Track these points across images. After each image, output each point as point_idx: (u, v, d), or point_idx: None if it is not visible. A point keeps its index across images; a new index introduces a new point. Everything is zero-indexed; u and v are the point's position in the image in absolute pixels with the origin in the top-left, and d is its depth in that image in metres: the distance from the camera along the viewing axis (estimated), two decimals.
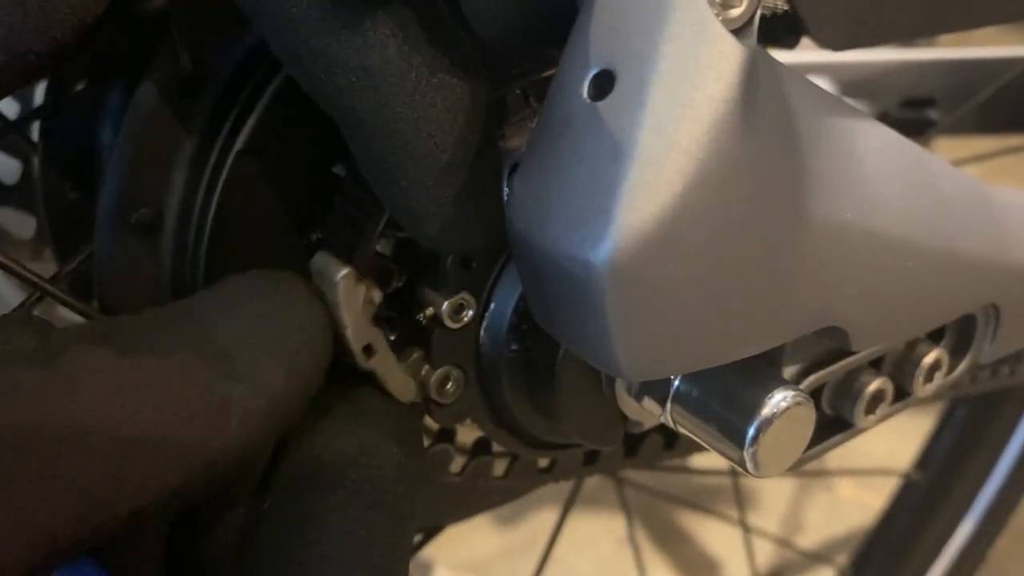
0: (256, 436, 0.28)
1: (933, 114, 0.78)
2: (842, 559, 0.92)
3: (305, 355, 0.30)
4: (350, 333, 0.32)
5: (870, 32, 0.39)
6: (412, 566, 0.32)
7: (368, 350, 0.33)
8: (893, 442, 0.95)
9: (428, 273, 0.35)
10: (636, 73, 0.24)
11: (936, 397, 0.59)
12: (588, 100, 0.25)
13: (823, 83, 0.71)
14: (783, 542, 1.10)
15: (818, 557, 1.09)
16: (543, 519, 1.13)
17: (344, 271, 0.32)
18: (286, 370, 0.29)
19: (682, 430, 0.33)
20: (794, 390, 0.30)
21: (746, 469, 0.30)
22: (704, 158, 0.24)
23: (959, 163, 0.55)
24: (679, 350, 0.27)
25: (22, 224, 0.51)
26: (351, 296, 0.32)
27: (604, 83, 0.25)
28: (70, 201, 0.45)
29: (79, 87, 0.39)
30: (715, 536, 1.15)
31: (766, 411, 0.30)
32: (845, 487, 1.22)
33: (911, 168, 0.34)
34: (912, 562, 0.87)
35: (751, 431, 0.30)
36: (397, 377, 0.34)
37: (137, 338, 0.27)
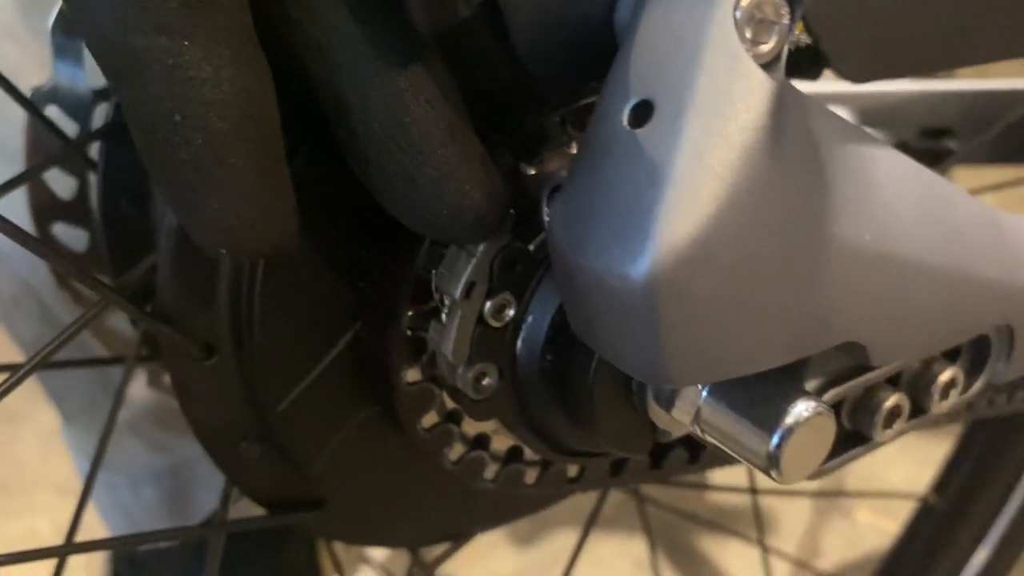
0: None
1: (951, 144, 0.80)
2: None
3: None
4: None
5: (890, 66, 0.41)
6: None
7: None
8: (911, 469, 0.96)
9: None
10: (673, 103, 0.27)
11: (955, 419, 0.60)
12: (628, 128, 0.28)
13: (843, 112, 0.74)
14: (801, 564, 1.10)
15: None
16: (562, 540, 1.14)
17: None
18: None
19: (709, 439, 0.34)
20: (815, 401, 0.32)
21: (769, 475, 0.32)
22: (735, 182, 0.27)
23: (976, 192, 0.57)
24: (710, 359, 0.29)
25: (75, 238, 0.54)
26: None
27: (643, 112, 0.27)
28: (126, 216, 0.47)
29: None
30: (732, 557, 1.16)
31: (789, 420, 0.32)
32: (862, 513, 1.22)
33: (926, 194, 0.36)
34: None
35: (775, 439, 0.32)
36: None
37: None
